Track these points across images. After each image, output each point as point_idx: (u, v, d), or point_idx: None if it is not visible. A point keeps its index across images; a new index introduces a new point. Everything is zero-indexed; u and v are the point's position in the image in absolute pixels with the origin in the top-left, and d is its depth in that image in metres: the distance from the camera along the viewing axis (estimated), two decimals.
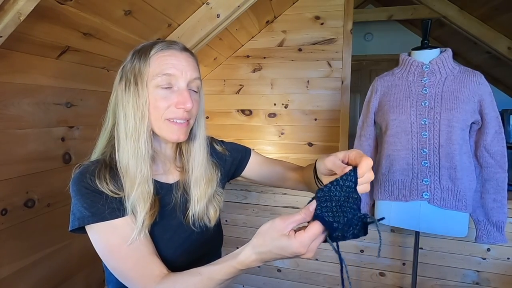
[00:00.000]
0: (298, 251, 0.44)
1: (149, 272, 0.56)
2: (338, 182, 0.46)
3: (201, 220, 0.69)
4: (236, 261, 0.50)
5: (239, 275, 0.52)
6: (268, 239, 0.46)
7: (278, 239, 0.45)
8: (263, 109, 2.25)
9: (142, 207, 0.58)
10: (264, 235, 0.47)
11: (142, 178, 0.59)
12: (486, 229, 1.19)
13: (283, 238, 0.45)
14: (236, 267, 0.50)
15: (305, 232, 0.44)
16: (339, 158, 0.53)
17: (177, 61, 0.61)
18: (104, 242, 0.57)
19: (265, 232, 0.47)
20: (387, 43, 3.59)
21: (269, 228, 0.47)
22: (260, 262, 0.49)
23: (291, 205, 1.71)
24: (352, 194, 0.45)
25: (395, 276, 1.60)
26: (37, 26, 0.90)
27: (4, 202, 1.00)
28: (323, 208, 0.45)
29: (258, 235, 0.48)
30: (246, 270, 0.51)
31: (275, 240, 0.46)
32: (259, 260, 0.48)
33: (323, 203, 0.45)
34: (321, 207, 0.45)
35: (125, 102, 0.61)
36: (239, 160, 0.82)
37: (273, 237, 0.46)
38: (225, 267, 0.51)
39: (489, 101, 1.12)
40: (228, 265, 0.51)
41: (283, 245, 0.45)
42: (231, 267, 0.50)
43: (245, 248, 0.50)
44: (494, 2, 1.98)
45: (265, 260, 0.48)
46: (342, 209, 0.44)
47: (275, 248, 0.46)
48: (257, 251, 0.48)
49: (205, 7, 1.38)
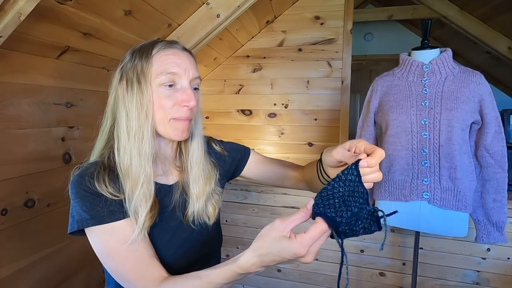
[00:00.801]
0: (298, 251, 0.43)
1: (148, 275, 0.56)
2: (341, 178, 0.46)
3: (201, 217, 0.69)
4: (235, 265, 0.49)
5: (239, 279, 0.51)
6: (268, 240, 0.46)
7: (278, 240, 0.45)
8: (263, 109, 2.25)
9: (144, 208, 0.58)
10: (264, 237, 0.47)
11: (145, 177, 0.59)
12: (486, 229, 1.19)
13: (284, 239, 0.44)
14: (235, 271, 0.49)
15: (306, 233, 0.43)
16: (346, 148, 0.53)
17: (179, 59, 0.61)
18: (103, 245, 0.57)
19: (265, 234, 0.47)
20: (387, 43, 3.59)
21: (269, 229, 0.47)
22: (260, 266, 0.48)
23: (291, 205, 1.72)
24: (356, 188, 0.45)
25: (395, 276, 1.60)
26: (37, 26, 0.90)
27: (4, 202, 1.00)
28: (326, 206, 0.44)
29: (259, 238, 0.48)
30: (246, 276, 0.50)
31: (275, 241, 0.45)
32: (259, 263, 0.47)
33: (326, 201, 0.45)
34: (323, 205, 0.45)
35: (128, 101, 0.60)
36: (238, 160, 0.82)
37: (274, 238, 0.45)
38: (224, 270, 0.50)
39: (489, 101, 1.12)
40: (228, 268, 0.50)
41: (283, 246, 0.44)
42: (231, 271, 0.50)
43: (246, 252, 0.49)
44: (494, 2, 1.98)
45: (265, 264, 0.47)
46: (346, 203, 0.44)
47: (275, 250, 0.45)
48: (258, 253, 0.47)
49: (205, 7, 1.37)
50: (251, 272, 0.49)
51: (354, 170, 0.45)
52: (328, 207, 0.44)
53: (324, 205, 0.45)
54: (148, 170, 0.60)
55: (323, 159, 0.62)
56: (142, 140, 0.59)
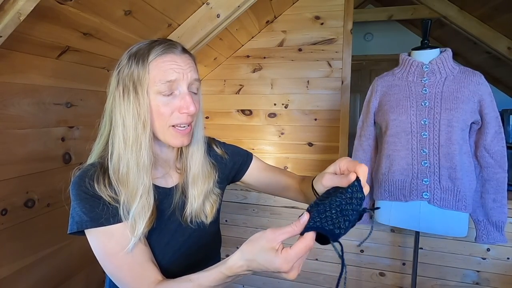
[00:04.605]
0: (281, 267, 0.44)
1: (144, 278, 0.57)
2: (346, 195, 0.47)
3: (198, 216, 0.69)
4: (224, 267, 0.49)
5: (230, 282, 0.51)
6: (256, 247, 0.46)
7: (265, 251, 0.45)
8: (263, 109, 2.25)
9: (143, 219, 0.58)
10: (253, 242, 0.47)
11: (144, 189, 0.58)
12: (486, 229, 1.19)
13: (271, 251, 0.45)
14: (224, 273, 0.49)
15: (292, 249, 0.44)
16: (332, 172, 0.55)
17: (177, 65, 0.59)
18: (102, 247, 0.57)
19: (255, 240, 0.48)
20: (387, 43, 3.58)
21: (260, 237, 0.47)
22: (247, 269, 0.48)
23: (291, 205, 1.72)
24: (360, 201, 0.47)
25: (395, 276, 1.60)
26: (37, 26, 0.90)
27: (4, 202, 1.00)
28: (323, 219, 0.45)
29: (248, 242, 0.48)
30: (235, 278, 0.51)
31: (262, 251, 0.46)
32: (246, 267, 0.48)
33: (322, 214, 0.46)
34: (320, 219, 0.45)
35: (124, 110, 0.58)
36: (239, 165, 0.81)
37: (262, 247, 0.46)
38: (214, 273, 0.51)
39: (489, 101, 1.12)
40: (217, 271, 0.50)
41: (268, 258, 0.45)
42: (220, 272, 0.50)
43: (235, 254, 0.49)
44: (494, 2, 1.98)
45: (251, 268, 0.48)
46: (343, 213, 0.45)
47: (260, 259, 0.46)
48: (245, 257, 0.48)
49: (205, 7, 1.37)
50: (239, 274, 0.50)
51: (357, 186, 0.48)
52: (325, 220, 0.45)
53: (321, 218, 0.45)
54: (147, 182, 0.59)
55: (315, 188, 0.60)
56: (140, 151, 0.58)
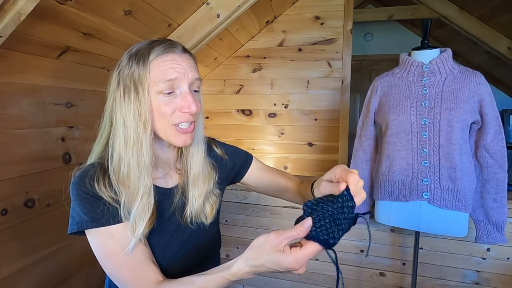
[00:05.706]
0: (291, 266, 0.46)
1: (145, 279, 0.57)
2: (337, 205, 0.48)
3: (198, 217, 0.69)
4: (228, 273, 0.50)
5: (232, 285, 0.53)
6: (262, 253, 0.47)
7: (272, 254, 0.46)
8: (263, 109, 2.25)
9: (143, 219, 0.58)
10: (258, 248, 0.48)
11: (145, 189, 0.58)
12: (486, 229, 1.19)
13: (278, 253, 0.46)
14: (228, 279, 0.51)
15: (302, 250, 0.46)
16: (328, 179, 0.56)
17: (178, 64, 0.59)
18: (102, 247, 0.57)
19: (259, 246, 0.48)
20: (387, 43, 3.59)
21: (263, 242, 0.48)
22: (253, 274, 0.50)
23: (290, 205, 1.71)
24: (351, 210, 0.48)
25: (395, 276, 1.60)
26: (37, 26, 0.90)
27: (4, 202, 1.00)
28: (318, 229, 0.46)
29: (252, 248, 0.49)
30: (239, 281, 0.52)
31: (269, 255, 0.47)
32: (252, 272, 0.49)
33: (317, 223, 0.47)
34: (315, 227, 0.46)
35: (125, 110, 0.58)
36: (239, 166, 0.81)
37: (267, 252, 0.47)
38: (217, 277, 0.52)
39: (489, 101, 1.12)
40: (221, 276, 0.51)
41: (277, 260, 0.46)
42: (223, 278, 0.51)
43: (238, 260, 0.50)
44: (494, 2, 1.98)
45: (258, 272, 0.49)
46: (336, 222, 0.46)
47: (268, 263, 0.47)
48: (251, 264, 0.49)
49: (205, 7, 1.37)
50: (244, 279, 0.51)
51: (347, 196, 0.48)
52: (320, 230, 0.46)
53: (316, 227, 0.46)
54: (148, 182, 0.59)
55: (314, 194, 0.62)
56: (141, 151, 0.58)
